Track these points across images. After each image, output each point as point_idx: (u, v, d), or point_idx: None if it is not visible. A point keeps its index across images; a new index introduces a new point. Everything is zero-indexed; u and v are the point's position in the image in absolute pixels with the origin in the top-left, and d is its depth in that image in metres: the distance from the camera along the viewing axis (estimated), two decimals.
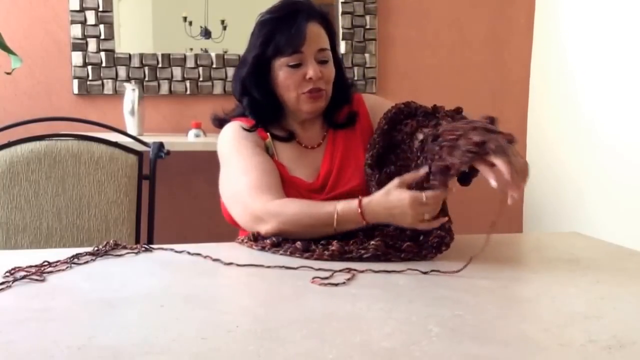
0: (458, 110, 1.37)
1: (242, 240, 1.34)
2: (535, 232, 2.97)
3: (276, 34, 1.43)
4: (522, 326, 0.91)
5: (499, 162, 1.10)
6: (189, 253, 1.26)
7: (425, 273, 1.13)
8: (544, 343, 0.83)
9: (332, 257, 1.21)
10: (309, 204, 1.32)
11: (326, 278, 1.09)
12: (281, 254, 1.25)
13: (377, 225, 1.28)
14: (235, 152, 1.45)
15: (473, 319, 0.92)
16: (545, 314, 0.98)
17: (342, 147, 1.50)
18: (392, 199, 1.23)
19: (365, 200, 1.26)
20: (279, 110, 1.51)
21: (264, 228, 1.31)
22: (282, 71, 1.45)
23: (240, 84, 1.50)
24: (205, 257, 1.23)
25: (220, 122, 1.56)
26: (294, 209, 1.31)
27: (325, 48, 1.46)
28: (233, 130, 1.50)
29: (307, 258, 1.22)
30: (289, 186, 1.41)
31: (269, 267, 1.17)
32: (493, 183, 1.11)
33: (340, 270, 1.13)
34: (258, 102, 1.49)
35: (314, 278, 1.09)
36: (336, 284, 1.06)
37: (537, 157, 3.07)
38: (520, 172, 1.11)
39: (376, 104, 1.56)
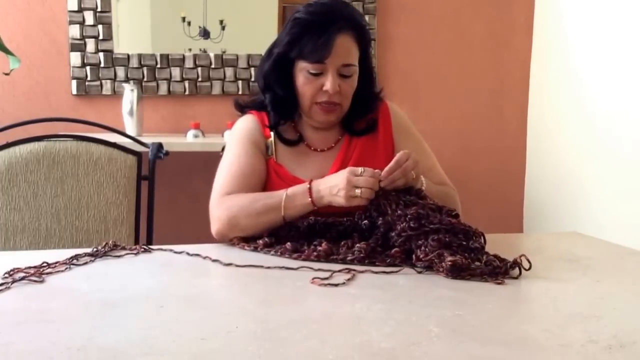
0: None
1: (234, 242, 1.34)
2: (536, 232, 2.97)
3: (304, 38, 1.39)
4: (523, 326, 0.91)
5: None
6: (188, 254, 1.26)
7: (420, 272, 1.13)
8: (545, 343, 0.83)
9: (319, 258, 1.21)
10: (263, 193, 1.38)
11: (326, 278, 1.09)
12: (272, 255, 1.25)
13: (372, 230, 1.26)
14: (232, 146, 1.48)
15: (473, 319, 0.91)
16: (546, 314, 0.98)
17: (358, 153, 1.47)
18: (335, 175, 1.30)
19: (316, 180, 1.32)
20: (297, 108, 1.48)
21: (214, 226, 1.35)
22: (302, 75, 1.42)
23: (262, 79, 1.48)
24: (205, 257, 1.23)
25: (241, 108, 1.56)
26: (246, 197, 1.36)
27: (350, 64, 1.42)
28: (241, 126, 1.51)
29: (295, 259, 1.22)
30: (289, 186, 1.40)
31: (268, 267, 1.16)
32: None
33: (339, 271, 1.13)
34: (281, 99, 1.47)
35: (313, 279, 1.08)
36: (336, 285, 1.06)
37: (537, 157, 3.07)
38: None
39: (400, 121, 1.54)
